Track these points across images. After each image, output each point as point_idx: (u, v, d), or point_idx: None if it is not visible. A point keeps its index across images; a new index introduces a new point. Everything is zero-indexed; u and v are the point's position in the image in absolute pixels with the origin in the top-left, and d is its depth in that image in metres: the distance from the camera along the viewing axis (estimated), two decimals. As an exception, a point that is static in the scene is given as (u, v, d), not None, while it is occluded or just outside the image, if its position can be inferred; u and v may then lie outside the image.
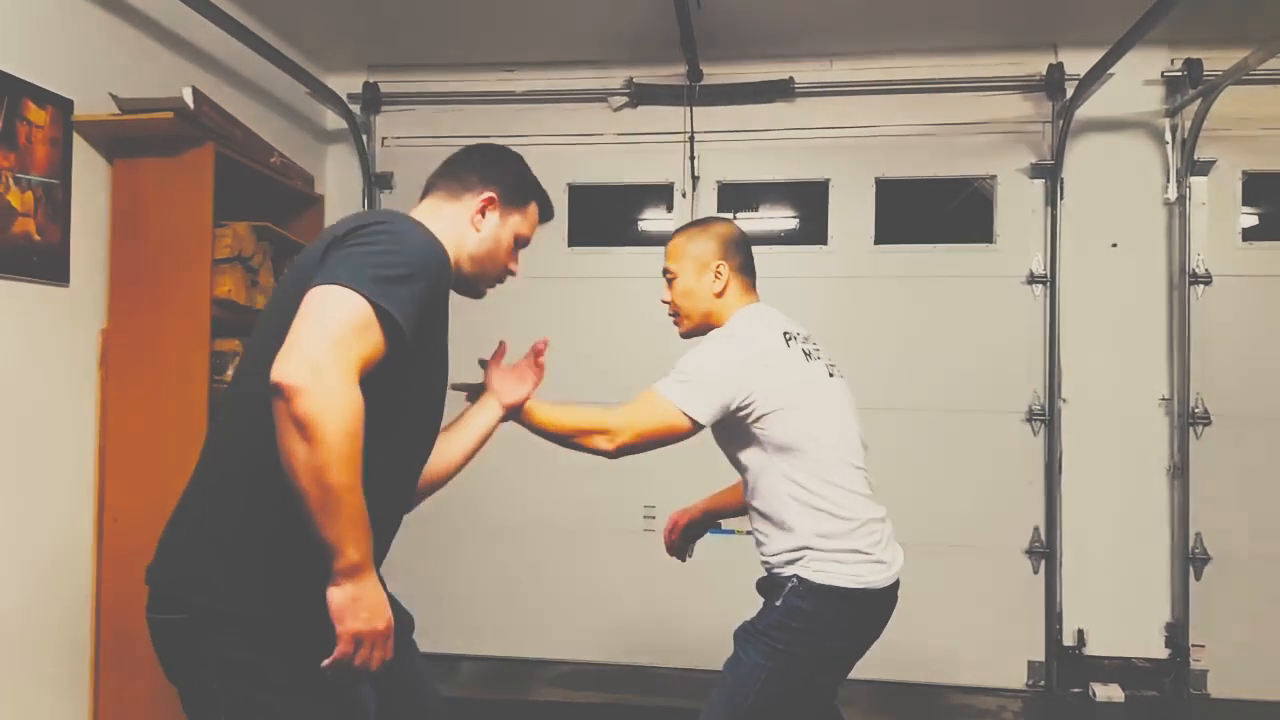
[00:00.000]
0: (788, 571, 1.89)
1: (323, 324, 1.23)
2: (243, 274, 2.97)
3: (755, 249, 2.18)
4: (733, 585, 2.38)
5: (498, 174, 1.68)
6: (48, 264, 2.60)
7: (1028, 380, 3.87)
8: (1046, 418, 3.84)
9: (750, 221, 4.32)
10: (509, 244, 1.70)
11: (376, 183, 4.23)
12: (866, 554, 1.89)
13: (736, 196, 4.14)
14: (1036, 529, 3.84)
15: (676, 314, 2.13)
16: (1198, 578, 3.72)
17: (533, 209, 1.75)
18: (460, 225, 1.63)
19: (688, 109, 3.98)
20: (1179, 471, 3.73)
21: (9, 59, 2.44)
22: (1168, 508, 3.78)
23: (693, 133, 3.98)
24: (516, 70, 4.14)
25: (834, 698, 2.10)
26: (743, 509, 2.21)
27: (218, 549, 1.40)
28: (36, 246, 2.55)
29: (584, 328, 4.03)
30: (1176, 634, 3.72)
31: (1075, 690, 3.77)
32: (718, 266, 2.05)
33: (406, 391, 1.47)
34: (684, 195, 4.06)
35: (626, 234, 4.32)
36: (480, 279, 1.71)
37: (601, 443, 1.87)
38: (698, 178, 4.03)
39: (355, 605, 1.27)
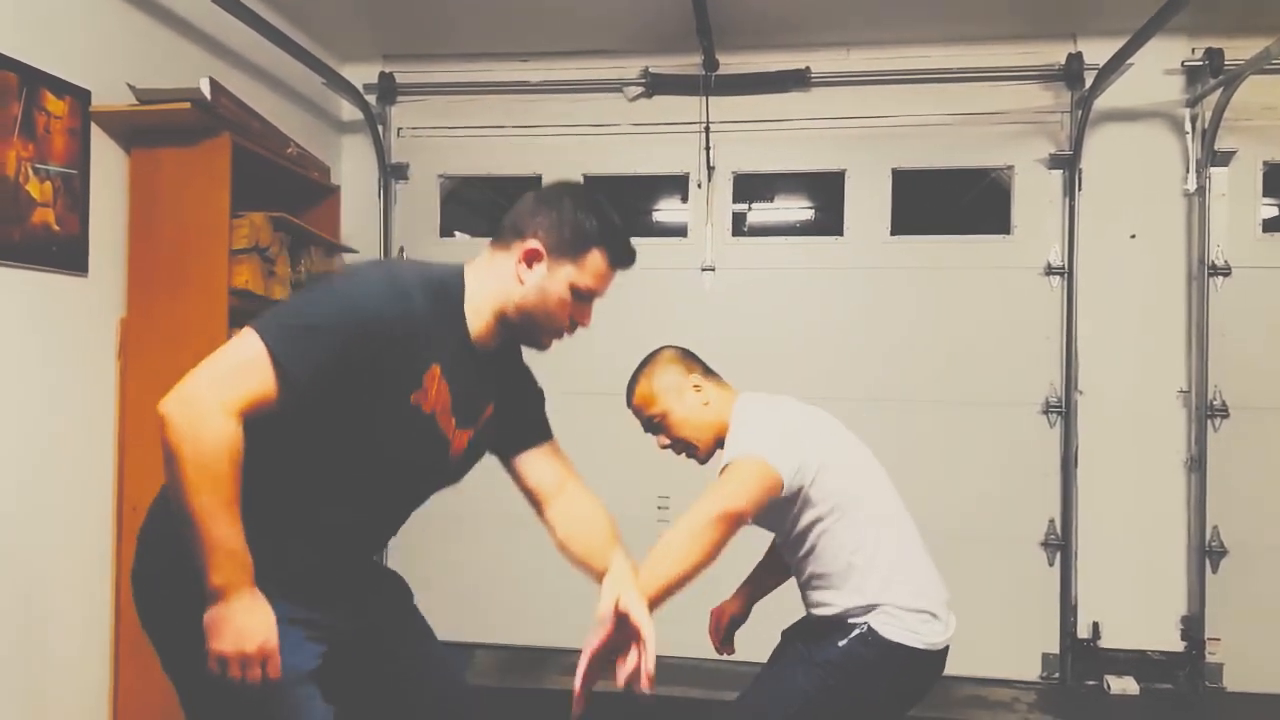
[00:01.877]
0: (859, 619, 1.87)
1: (212, 361, 1.31)
2: (260, 264, 2.98)
3: (770, 239, 2.19)
4: (744, 576, 2.38)
5: (545, 222, 1.55)
6: (67, 254, 2.61)
7: (1044, 372, 3.85)
8: (1063, 410, 3.82)
9: (765, 212, 4.32)
10: (561, 296, 1.56)
11: (392, 173, 4.23)
12: (933, 614, 1.88)
13: (752, 187, 4.13)
14: (1052, 521, 3.83)
15: (688, 448, 2.08)
16: (1214, 571, 3.71)
17: (593, 257, 1.59)
18: (505, 276, 1.55)
19: (703, 99, 3.96)
20: (1196, 464, 3.71)
21: (27, 50, 2.44)
22: (1184, 500, 3.76)
23: (708, 123, 3.97)
24: (531, 60, 4.13)
25: None
26: (778, 582, 2.23)
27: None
28: (56, 237, 2.56)
29: (599, 320, 4.00)
30: (1192, 627, 3.70)
31: (1089, 682, 3.76)
32: (694, 384, 2.05)
33: (330, 441, 1.44)
34: (699, 186, 4.04)
35: (642, 225, 4.32)
36: (534, 330, 1.60)
37: (725, 526, 1.75)
38: (713, 168, 4.02)
39: (219, 626, 1.32)
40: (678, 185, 4.16)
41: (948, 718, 3.44)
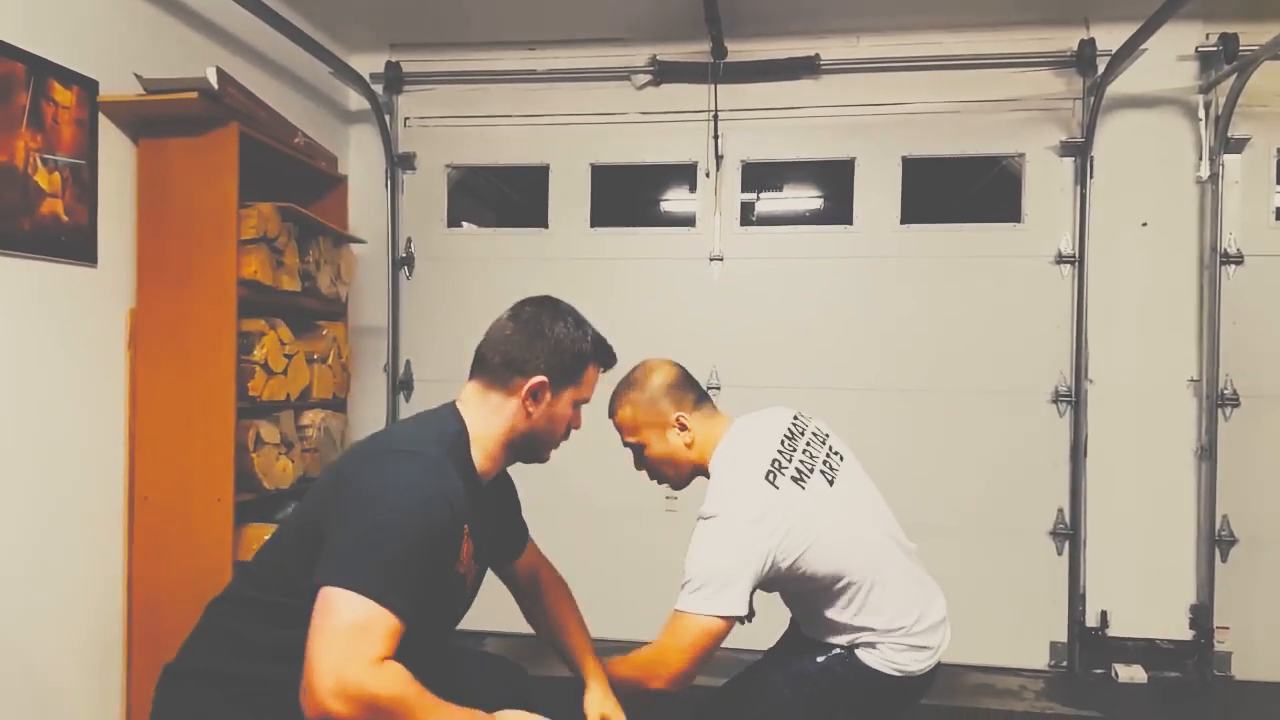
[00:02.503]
0: (843, 641, 1.89)
1: (330, 638, 1.27)
2: (268, 254, 2.98)
3: (779, 229, 2.16)
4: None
5: (544, 356, 1.58)
6: (76, 245, 2.61)
7: (1054, 361, 3.84)
8: (1073, 399, 3.80)
9: (774, 201, 4.30)
10: (567, 415, 1.64)
11: (399, 163, 4.22)
12: (915, 645, 1.88)
13: (760, 176, 4.11)
14: (1061, 510, 3.82)
15: (662, 479, 2.07)
16: (1224, 560, 3.70)
17: (590, 373, 1.67)
18: (508, 411, 1.58)
19: (712, 87, 3.94)
20: (1207, 453, 3.70)
21: (34, 39, 2.44)
22: (1194, 490, 3.74)
23: (717, 111, 3.95)
24: (539, 48, 4.11)
25: None
26: None
27: (202, 694, 1.52)
28: (64, 227, 2.56)
29: (607, 309, 3.98)
30: (1201, 616, 3.70)
31: (1098, 671, 3.76)
32: (679, 419, 1.97)
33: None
34: (708, 175, 4.03)
35: (650, 214, 4.31)
36: (535, 452, 1.66)
37: (659, 686, 1.84)
38: (721, 157, 4.00)
39: None
40: (686, 174, 4.15)
41: (956, 705, 3.45)
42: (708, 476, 1.95)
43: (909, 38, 3.89)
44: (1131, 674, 3.69)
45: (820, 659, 1.89)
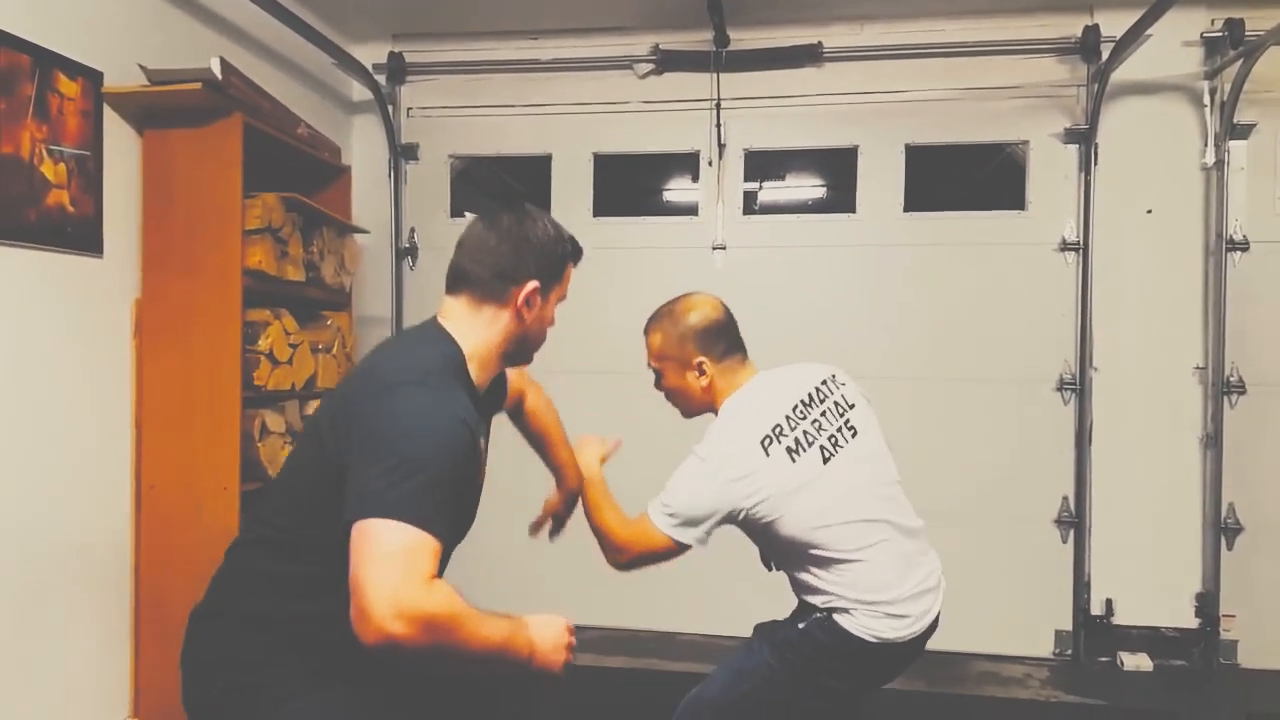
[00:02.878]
0: (821, 607, 1.91)
1: (378, 564, 1.27)
2: (273, 244, 2.99)
3: (782, 217, 2.17)
4: (753, 553, 2.38)
5: (530, 256, 1.60)
6: (81, 235, 2.63)
7: (1059, 349, 3.83)
8: (1077, 387, 3.80)
9: (777, 190, 4.30)
10: (551, 315, 1.69)
11: (402, 153, 4.23)
12: (892, 614, 1.88)
13: (763, 164, 4.11)
14: (1066, 498, 3.82)
15: (673, 404, 2.14)
16: (1229, 547, 3.69)
17: (569, 272, 1.70)
18: (503, 323, 1.59)
19: (714, 75, 3.94)
20: (1212, 441, 3.69)
21: (39, 31, 2.45)
22: (1200, 477, 3.74)
23: (719, 99, 3.94)
24: (541, 38, 4.11)
25: (832, 716, 2.11)
26: None
27: (233, 632, 1.55)
28: (70, 218, 2.57)
29: (610, 299, 4.01)
30: (1207, 604, 3.69)
31: (1103, 659, 3.77)
32: (700, 364, 2.00)
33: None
34: (710, 163, 4.02)
35: (652, 203, 4.31)
36: (525, 353, 1.69)
37: (612, 558, 2.04)
38: (724, 145, 4.00)
39: (551, 660, 1.47)
40: (688, 163, 4.15)
41: (961, 694, 3.45)
42: (716, 414, 2.02)
43: (912, 25, 3.88)
44: (1137, 662, 3.69)
45: (801, 625, 1.92)
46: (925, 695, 3.41)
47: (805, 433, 1.91)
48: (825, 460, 1.90)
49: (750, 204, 4.11)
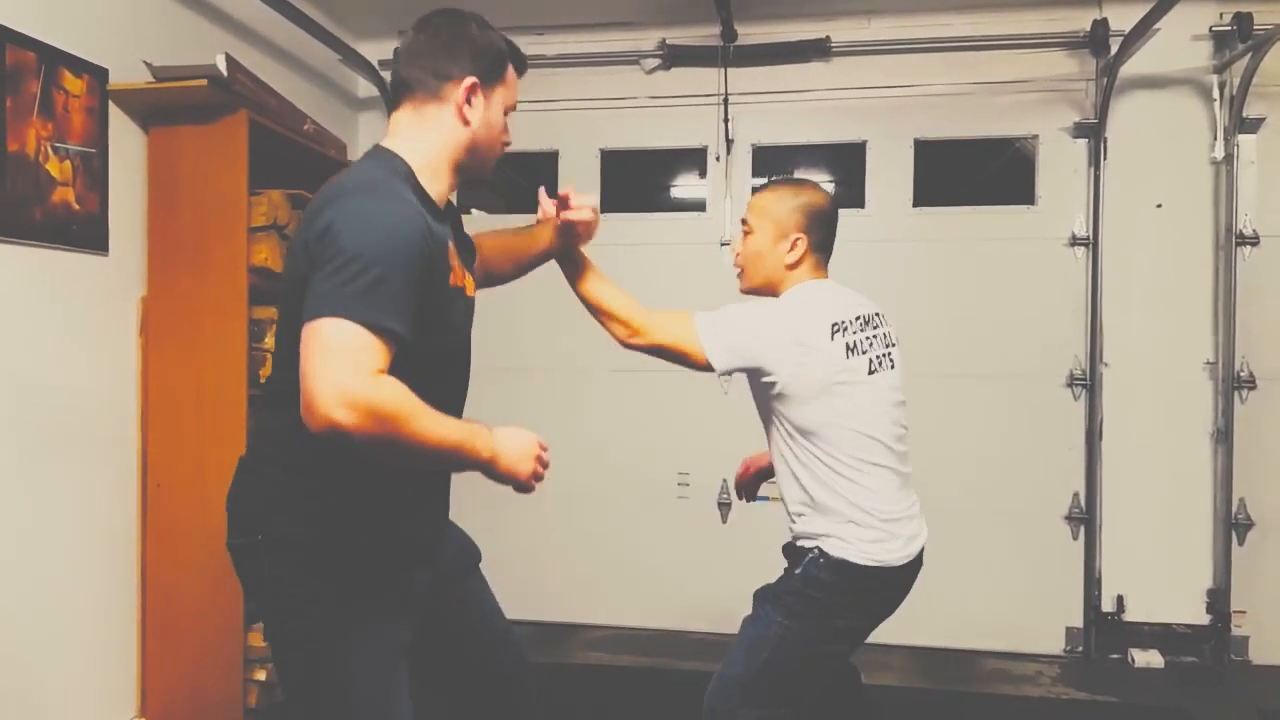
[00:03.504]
0: (810, 543, 1.92)
1: (322, 358, 1.28)
2: (279, 242, 2.97)
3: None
4: (764, 552, 2.37)
5: (465, 50, 1.56)
6: (87, 233, 2.61)
7: (1069, 345, 3.81)
8: (1088, 383, 3.78)
9: (784, 185, 4.29)
10: (501, 122, 1.63)
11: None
12: (883, 530, 1.90)
13: (771, 160, 4.08)
14: (1076, 495, 3.80)
15: (741, 270, 2.12)
16: (1240, 543, 3.67)
17: (510, 73, 1.64)
18: (447, 123, 1.55)
19: (722, 70, 3.92)
20: (1222, 436, 3.67)
21: (45, 28, 2.44)
22: (1210, 473, 3.72)
23: (727, 94, 3.93)
24: (547, 34, 4.09)
25: (850, 655, 2.11)
26: None
27: (276, 480, 1.54)
28: (76, 216, 2.56)
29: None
30: (1218, 600, 3.68)
31: (1114, 656, 3.75)
32: (796, 239, 2.02)
33: (429, 342, 1.49)
34: (718, 159, 4.01)
35: (660, 199, 4.29)
36: (481, 166, 1.65)
37: (619, 331, 1.96)
38: (732, 141, 3.98)
39: (512, 468, 1.43)
40: (696, 159, 4.13)
41: (972, 692, 3.44)
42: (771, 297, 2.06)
43: (920, 19, 3.85)
44: (1148, 659, 3.67)
45: (798, 571, 1.92)
46: (936, 693, 3.40)
47: (861, 341, 1.97)
48: (869, 372, 1.96)
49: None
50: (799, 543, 1.96)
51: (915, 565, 1.98)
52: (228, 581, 2.75)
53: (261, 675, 2.89)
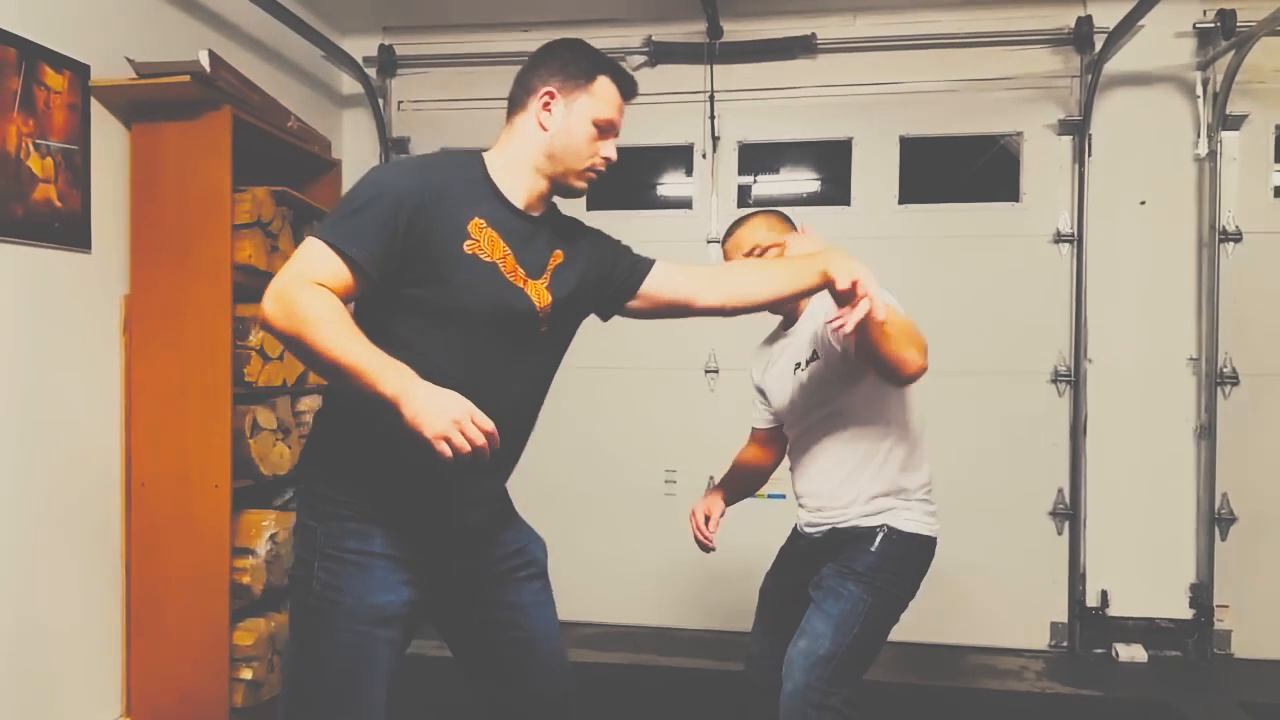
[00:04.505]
0: (874, 522, 2.01)
1: (285, 267, 1.44)
2: (263, 239, 2.96)
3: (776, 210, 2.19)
4: (753, 549, 2.38)
5: (550, 64, 1.65)
6: (69, 230, 2.60)
7: (1053, 340, 3.83)
8: (1072, 378, 3.80)
9: (772, 183, 4.28)
10: (586, 132, 1.63)
11: (393, 147, 4.20)
12: (932, 505, 2.09)
13: (757, 157, 4.09)
14: (1061, 490, 3.82)
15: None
16: (1223, 538, 3.70)
17: (602, 84, 1.65)
18: (529, 133, 1.63)
19: (708, 67, 3.92)
20: (1206, 432, 3.70)
21: (25, 23, 2.42)
22: (1194, 468, 3.75)
23: (713, 92, 3.92)
24: (533, 30, 4.07)
25: None
26: (749, 490, 2.34)
27: (322, 433, 1.65)
28: (58, 213, 2.54)
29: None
30: (1201, 594, 3.70)
31: (1098, 651, 3.77)
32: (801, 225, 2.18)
33: (419, 315, 1.53)
34: (704, 156, 4.01)
35: (646, 197, 4.29)
36: (566, 176, 1.66)
37: (916, 361, 1.90)
38: (718, 138, 3.98)
39: (420, 419, 1.35)
40: (682, 156, 4.12)
41: (957, 686, 3.45)
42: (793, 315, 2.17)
43: (905, 16, 3.86)
44: (1132, 653, 3.70)
45: (872, 548, 1.99)
46: (921, 688, 3.41)
47: None
48: None
49: (745, 197, 4.09)
50: (858, 525, 2.02)
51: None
52: (213, 580, 2.77)
53: (248, 674, 2.89)
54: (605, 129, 1.66)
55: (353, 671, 1.54)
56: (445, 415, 1.33)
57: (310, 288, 1.39)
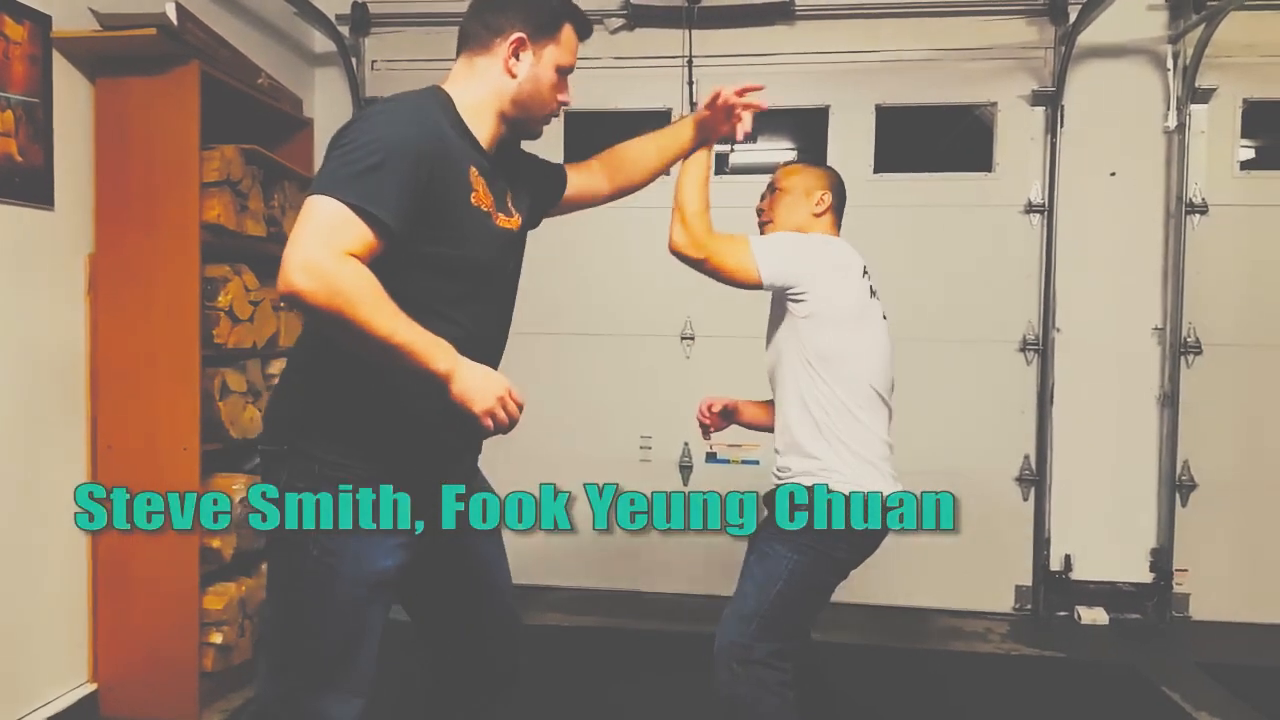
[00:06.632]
0: (809, 480, 2.01)
1: (303, 231, 1.34)
2: (232, 198, 2.91)
3: (753, 179, 2.23)
4: (722, 514, 2.39)
5: (521, 9, 1.62)
6: (31, 186, 2.53)
7: (1023, 310, 3.88)
8: (1040, 347, 3.85)
9: (749, 151, 4.27)
10: (551, 79, 1.66)
11: (366, 107, 4.12)
12: (877, 472, 2.04)
13: (733, 123, 4.06)
14: (1027, 457, 3.89)
15: (770, 220, 2.26)
16: (1184, 504, 3.79)
17: (567, 33, 1.67)
18: (494, 75, 1.61)
19: (686, 32, 3.88)
20: (1169, 400, 3.77)
21: (-17, -31, 2.34)
22: (1157, 436, 3.83)
23: (691, 56, 3.89)
24: (508, -10, 4.01)
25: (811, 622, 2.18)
26: (762, 427, 2.36)
27: (305, 391, 1.60)
28: (19, 168, 2.48)
29: (586, 260, 3.98)
30: (1161, 559, 3.79)
31: (1061, 614, 3.86)
32: (822, 195, 2.22)
33: (433, 269, 1.53)
34: (681, 122, 3.97)
35: (621, 162, 4.25)
36: (529, 122, 1.69)
37: (680, 238, 2.09)
38: (696, 104, 3.95)
39: (469, 395, 1.42)
40: (659, 121, 4.09)
41: (924, 649, 3.52)
42: None
43: (883, -16, 3.85)
44: (1094, 616, 3.79)
45: (802, 506, 2.01)
46: (889, 650, 3.47)
47: (875, 289, 2.15)
48: (883, 317, 2.15)
49: (721, 165, 4.07)
50: (798, 480, 2.03)
51: (897, 509, 2.06)
52: (182, 545, 2.74)
53: (218, 638, 2.87)
54: (565, 72, 1.69)
55: (352, 636, 1.54)
56: (490, 393, 1.43)
57: (346, 260, 1.33)
